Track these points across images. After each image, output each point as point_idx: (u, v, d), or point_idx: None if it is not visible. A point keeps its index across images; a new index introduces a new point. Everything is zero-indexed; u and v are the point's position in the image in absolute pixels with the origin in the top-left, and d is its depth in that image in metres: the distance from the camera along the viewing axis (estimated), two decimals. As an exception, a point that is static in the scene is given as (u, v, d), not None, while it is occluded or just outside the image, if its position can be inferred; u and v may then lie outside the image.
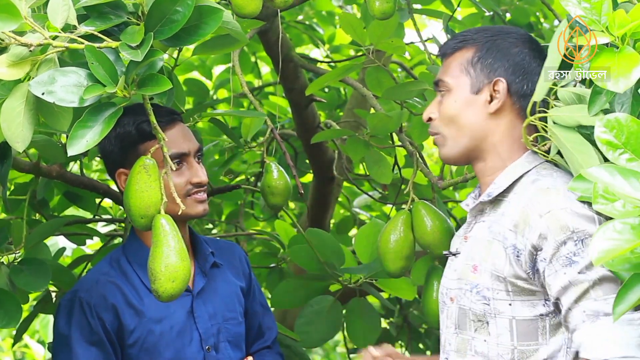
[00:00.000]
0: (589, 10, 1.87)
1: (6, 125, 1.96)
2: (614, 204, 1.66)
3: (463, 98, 2.21)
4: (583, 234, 2.02)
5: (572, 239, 2.03)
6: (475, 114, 2.20)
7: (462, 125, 2.21)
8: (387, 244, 2.75)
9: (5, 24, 1.86)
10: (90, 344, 2.50)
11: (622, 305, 1.75)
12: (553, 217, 2.05)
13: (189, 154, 2.54)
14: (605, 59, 1.83)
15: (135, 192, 2.14)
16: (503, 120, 2.20)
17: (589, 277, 2.01)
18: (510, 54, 2.20)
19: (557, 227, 2.04)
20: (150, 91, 1.96)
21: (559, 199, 2.07)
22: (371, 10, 2.72)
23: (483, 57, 2.20)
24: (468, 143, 2.22)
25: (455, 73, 2.23)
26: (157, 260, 2.11)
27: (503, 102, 2.18)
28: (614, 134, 1.75)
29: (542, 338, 2.11)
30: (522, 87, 2.19)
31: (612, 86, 1.80)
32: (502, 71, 2.19)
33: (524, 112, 2.18)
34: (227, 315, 2.65)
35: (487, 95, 2.19)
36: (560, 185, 2.10)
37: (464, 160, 2.27)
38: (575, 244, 2.02)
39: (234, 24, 2.21)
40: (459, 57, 2.23)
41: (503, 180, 2.19)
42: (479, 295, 2.16)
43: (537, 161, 2.19)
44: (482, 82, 2.20)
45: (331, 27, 5.26)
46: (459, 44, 2.24)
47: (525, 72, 2.19)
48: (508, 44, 2.20)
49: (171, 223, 2.14)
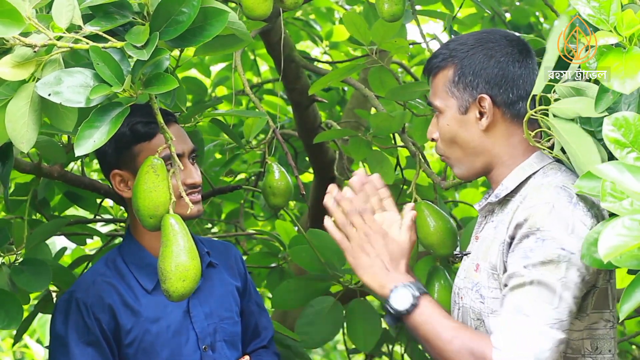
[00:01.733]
0: (597, 9, 1.86)
1: (11, 126, 1.96)
2: (622, 202, 1.66)
3: (454, 119, 2.22)
4: (547, 235, 2.03)
5: (535, 235, 2.04)
6: (469, 133, 2.21)
7: (461, 145, 2.23)
8: None
9: (8, 29, 1.85)
10: (87, 344, 2.50)
11: (628, 304, 1.73)
12: (533, 210, 2.06)
13: (183, 154, 2.54)
14: (613, 59, 1.83)
15: (143, 192, 2.14)
16: (498, 132, 2.20)
17: (530, 275, 2.02)
18: (488, 67, 2.19)
19: (530, 220, 2.06)
20: (156, 90, 1.95)
21: (545, 194, 2.08)
22: (380, 13, 2.71)
23: (463, 75, 2.20)
24: (472, 160, 2.24)
25: (443, 95, 2.24)
26: (168, 260, 2.11)
27: (492, 116, 2.19)
28: (621, 132, 1.74)
29: None
30: (507, 97, 2.19)
31: (618, 87, 1.80)
32: (484, 86, 2.19)
33: (517, 118, 2.19)
34: (224, 314, 2.66)
35: (475, 113, 2.20)
36: (557, 182, 2.10)
37: (475, 176, 2.29)
38: (536, 241, 2.04)
39: (239, 24, 2.21)
40: (442, 77, 2.24)
41: (510, 182, 2.20)
42: (478, 293, 2.19)
43: (544, 162, 2.20)
44: (468, 101, 2.20)
45: (329, 23, 5.25)
46: (441, 62, 2.24)
47: (506, 81, 2.18)
48: (484, 56, 2.20)
49: (180, 222, 2.14)
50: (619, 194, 1.67)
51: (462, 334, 2.09)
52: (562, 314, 2.01)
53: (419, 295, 2.13)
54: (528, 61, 2.21)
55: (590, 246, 1.89)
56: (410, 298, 2.13)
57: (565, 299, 2.01)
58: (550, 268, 2.01)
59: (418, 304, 2.13)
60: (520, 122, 2.18)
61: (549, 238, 2.02)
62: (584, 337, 2.13)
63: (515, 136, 2.20)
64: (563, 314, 2.01)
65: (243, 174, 4.61)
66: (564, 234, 2.02)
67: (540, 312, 2.00)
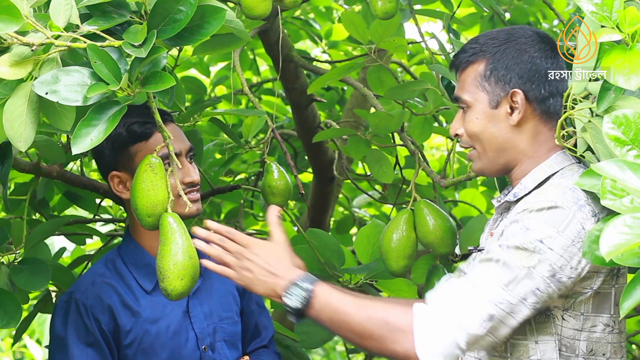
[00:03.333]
0: (600, 6, 1.87)
1: (9, 125, 1.96)
2: (622, 200, 1.66)
3: (483, 114, 2.22)
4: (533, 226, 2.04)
5: (522, 222, 2.05)
6: (498, 128, 2.21)
7: (489, 140, 2.23)
8: (390, 243, 2.74)
9: (6, 25, 1.85)
10: (87, 345, 2.50)
11: (629, 301, 1.74)
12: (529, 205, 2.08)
13: (180, 153, 2.53)
14: (616, 57, 1.83)
15: (141, 191, 2.14)
16: (527, 127, 2.21)
17: (500, 254, 2.04)
18: (521, 62, 2.19)
19: (526, 212, 2.07)
20: (154, 88, 1.96)
21: (552, 193, 2.08)
22: (374, 10, 2.71)
23: (495, 69, 2.20)
24: (496, 156, 2.24)
25: (472, 89, 2.23)
26: (166, 259, 2.11)
27: (524, 111, 2.19)
28: (622, 130, 1.74)
29: (530, 334, 2.13)
30: (539, 92, 2.19)
31: (623, 83, 1.80)
32: (517, 81, 2.19)
33: (546, 115, 2.19)
34: (223, 314, 2.66)
35: (506, 107, 2.20)
36: (568, 183, 2.10)
37: (496, 173, 2.29)
38: (520, 228, 2.05)
39: (237, 23, 2.21)
40: (472, 72, 2.23)
41: (530, 182, 2.20)
42: None
43: (565, 162, 2.19)
44: (499, 95, 2.20)
45: (328, 22, 5.25)
46: (470, 57, 2.24)
47: (539, 77, 2.19)
48: (517, 51, 2.20)
49: (179, 221, 2.14)
50: (619, 192, 1.68)
51: (370, 304, 2.10)
52: (512, 297, 2.02)
53: (312, 287, 2.12)
54: (558, 58, 2.21)
55: (592, 244, 1.89)
56: (302, 292, 2.12)
57: (523, 286, 2.02)
58: (521, 254, 2.03)
59: (313, 295, 2.12)
60: (549, 120, 2.20)
61: (533, 228, 2.04)
62: (581, 339, 2.12)
63: (542, 134, 2.21)
64: (513, 299, 2.02)
65: (242, 174, 4.61)
66: (552, 230, 2.03)
67: (489, 288, 2.03)
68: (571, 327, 2.12)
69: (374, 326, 2.07)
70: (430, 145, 6.50)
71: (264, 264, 2.17)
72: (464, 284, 2.06)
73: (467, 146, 2.28)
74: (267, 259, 2.17)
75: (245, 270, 2.18)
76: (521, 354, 2.13)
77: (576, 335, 2.12)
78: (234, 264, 2.18)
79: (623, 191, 1.66)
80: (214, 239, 2.20)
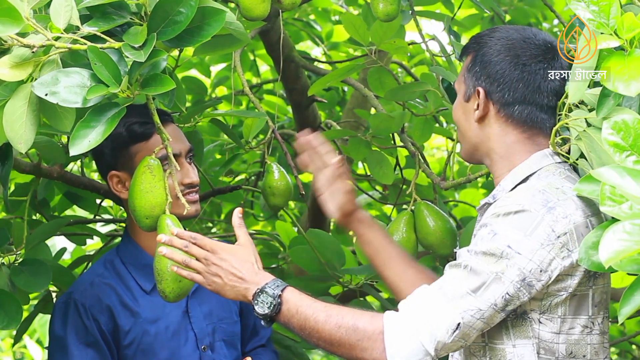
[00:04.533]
0: (597, 13, 1.87)
1: (9, 126, 1.96)
2: (621, 206, 1.65)
3: (460, 104, 2.27)
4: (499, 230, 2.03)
5: (491, 226, 2.05)
6: (468, 122, 2.24)
7: (462, 130, 2.27)
8: None
9: (6, 27, 1.85)
10: (86, 346, 2.50)
11: (627, 307, 1.73)
12: (502, 207, 2.07)
13: (180, 154, 2.54)
14: (615, 63, 1.83)
15: (139, 193, 2.14)
16: (491, 128, 2.21)
17: (469, 260, 2.04)
18: (490, 63, 2.19)
19: (493, 215, 2.07)
20: (153, 91, 1.96)
21: (520, 196, 2.08)
22: (375, 13, 2.71)
23: (474, 64, 2.22)
24: (469, 147, 2.27)
25: (460, 78, 2.28)
26: (164, 261, 2.11)
27: (485, 110, 2.20)
28: (621, 136, 1.74)
29: (507, 338, 2.11)
30: (502, 96, 2.18)
31: (623, 89, 1.79)
32: (484, 80, 2.20)
33: (512, 120, 2.19)
34: (222, 314, 2.66)
35: (474, 103, 2.22)
36: (538, 186, 2.09)
37: (474, 161, 2.31)
38: (488, 233, 2.05)
39: (237, 24, 2.21)
40: (465, 63, 2.27)
41: (508, 184, 2.19)
42: None
43: (543, 163, 2.18)
44: (470, 90, 2.23)
45: (329, 24, 5.25)
46: (470, 47, 2.27)
47: (504, 81, 2.18)
48: (492, 52, 2.20)
49: (176, 223, 2.15)
50: (619, 198, 1.67)
51: (339, 311, 2.08)
52: (481, 303, 2.01)
53: (280, 293, 2.10)
54: (537, 66, 2.18)
55: (589, 249, 1.89)
56: (270, 299, 2.09)
57: (492, 292, 2.01)
58: (489, 260, 2.02)
59: (281, 301, 2.10)
60: (518, 125, 2.18)
61: (500, 233, 2.03)
62: (560, 342, 2.10)
63: (508, 136, 2.20)
64: (483, 304, 2.01)
65: (243, 174, 4.61)
66: (519, 233, 2.02)
67: (457, 294, 2.02)
68: (549, 330, 2.10)
69: (343, 334, 2.05)
70: (431, 145, 6.50)
71: (232, 268, 2.13)
72: (433, 291, 2.05)
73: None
74: (234, 263, 2.13)
75: (214, 275, 2.14)
76: (499, 358, 2.12)
77: (554, 339, 2.10)
78: (202, 270, 2.14)
79: (622, 197, 1.66)
80: (177, 244, 2.14)
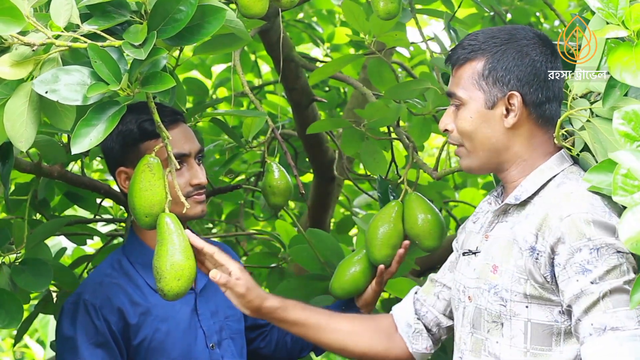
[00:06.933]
0: (606, 3, 1.86)
1: (10, 125, 1.96)
2: (633, 196, 1.65)
3: (478, 113, 2.18)
4: (599, 243, 2.00)
5: (587, 246, 2.00)
6: (492, 129, 2.17)
7: (481, 140, 2.19)
8: (376, 231, 2.74)
9: (8, 27, 1.85)
10: (96, 346, 2.50)
11: (639, 294, 1.74)
12: (572, 221, 2.03)
13: (189, 155, 2.54)
14: (623, 54, 1.83)
15: (139, 191, 2.14)
16: (521, 131, 2.17)
17: (600, 288, 1.98)
18: (521, 64, 2.15)
19: (574, 232, 2.02)
20: (153, 89, 1.96)
21: (581, 204, 2.05)
22: (376, 11, 2.71)
23: (494, 69, 2.16)
24: (489, 156, 2.20)
25: (468, 87, 2.19)
26: (162, 259, 2.11)
27: (520, 114, 2.16)
28: (631, 126, 1.74)
29: (556, 344, 2.09)
30: (537, 97, 2.16)
31: (631, 80, 1.79)
32: (515, 83, 2.15)
33: (542, 119, 2.17)
34: (228, 312, 2.68)
35: (502, 109, 2.16)
36: (585, 190, 2.07)
37: (486, 171, 2.27)
38: (590, 252, 2.00)
39: (237, 23, 2.21)
40: (470, 69, 2.19)
41: (530, 184, 2.17)
42: (497, 296, 2.14)
43: (564, 164, 2.17)
44: (496, 96, 2.16)
45: (331, 25, 5.25)
46: (469, 54, 2.19)
47: (538, 81, 2.15)
48: (517, 52, 2.16)
49: (176, 221, 2.14)
50: (630, 187, 1.67)
51: None
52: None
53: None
54: (558, 62, 2.18)
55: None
56: None
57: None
58: (616, 274, 1.98)
59: None
60: (544, 124, 2.17)
61: (602, 245, 1.99)
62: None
63: (537, 137, 2.18)
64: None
65: (243, 174, 4.62)
66: (613, 238, 2.00)
67: (625, 318, 1.95)
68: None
69: None
70: (431, 145, 6.50)
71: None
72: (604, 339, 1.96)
73: (455, 143, 2.24)
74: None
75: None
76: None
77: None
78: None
79: (634, 187, 1.66)
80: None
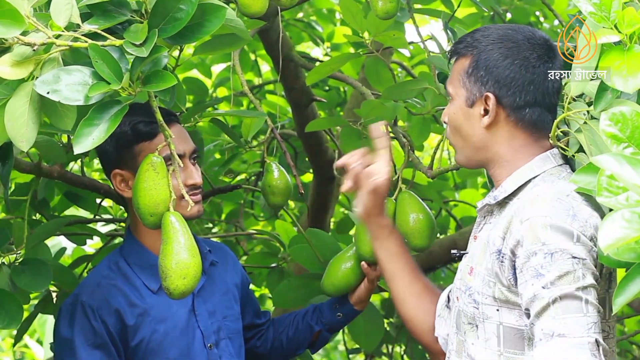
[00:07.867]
0: (599, 6, 1.86)
1: (10, 125, 1.96)
2: (618, 197, 1.65)
3: (461, 110, 2.21)
4: (554, 248, 1.98)
5: (542, 250, 1.99)
6: (472, 127, 2.20)
7: (464, 135, 2.22)
8: (365, 227, 2.74)
9: (8, 29, 1.85)
10: (94, 348, 2.50)
11: (622, 297, 1.73)
12: (530, 225, 2.02)
13: (184, 155, 2.54)
14: (614, 58, 1.83)
15: (143, 190, 2.15)
16: (500, 132, 2.18)
17: (551, 293, 1.96)
18: (500, 67, 2.15)
19: (531, 236, 2.01)
20: (155, 87, 1.96)
21: (542, 208, 2.03)
22: (374, 10, 2.71)
23: (476, 68, 2.17)
24: (472, 152, 2.23)
25: (455, 83, 2.22)
26: (168, 258, 2.12)
27: (495, 116, 2.16)
28: (618, 127, 1.74)
29: (529, 348, 2.08)
30: (514, 100, 2.15)
31: (620, 85, 1.79)
32: (492, 85, 2.16)
33: (522, 122, 2.16)
34: (226, 312, 2.69)
35: (480, 109, 2.18)
36: (552, 194, 2.06)
37: (474, 166, 2.28)
38: (544, 257, 1.98)
39: (237, 21, 2.21)
40: (459, 65, 2.21)
41: (509, 185, 2.17)
42: (471, 298, 2.15)
43: (546, 166, 2.16)
44: (475, 95, 2.18)
45: (330, 25, 5.25)
46: (462, 49, 2.21)
47: (515, 85, 2.14)
48: (501, 54, 2.15)
49: (181, 220, 2.15)
50: (615, 189, 1.66)
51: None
52: (593, 316, 1.95)
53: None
54: (544, 67, 2.16)
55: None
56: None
57: (590, 302, 1.95)
58: (568, 279, 1.96)
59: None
60: (526, 128, 2.16)
61: (556, 250, 1.98)
62: None
63: (517, 139, 2.18)
64: (594, 316, 1.95)
65: (243, 174, 4.62)
66: (570, 243, 1.98)
67: (573, 324, 1.94)
68: None
69: None
70: (431, 145, 6.49)
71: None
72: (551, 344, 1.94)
73: (448, 137, 2.28)
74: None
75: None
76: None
77: None
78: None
79: (619, 188, 1.65)
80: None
